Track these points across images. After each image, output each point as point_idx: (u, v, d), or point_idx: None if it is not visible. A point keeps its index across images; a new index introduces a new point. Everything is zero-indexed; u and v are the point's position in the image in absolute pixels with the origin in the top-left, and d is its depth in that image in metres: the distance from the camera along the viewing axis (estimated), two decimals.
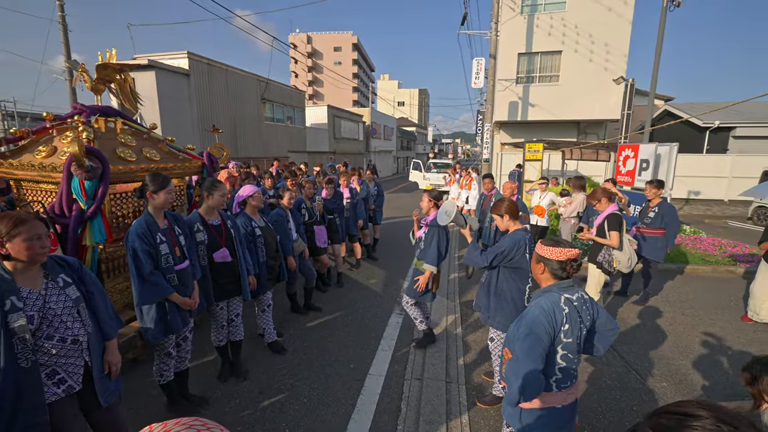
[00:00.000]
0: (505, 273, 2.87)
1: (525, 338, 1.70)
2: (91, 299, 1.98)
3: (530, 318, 1.74)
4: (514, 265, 2.81)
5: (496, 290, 2.91)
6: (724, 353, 3.83)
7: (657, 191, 4.89)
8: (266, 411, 2.94)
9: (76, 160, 2.60)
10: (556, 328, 1.73)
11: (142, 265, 2.44)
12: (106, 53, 3.51)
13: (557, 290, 1.82)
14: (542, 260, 1.85)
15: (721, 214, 12.35)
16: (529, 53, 15.37)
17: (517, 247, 2.75)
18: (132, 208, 3.34)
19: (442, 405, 3.03)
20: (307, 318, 4.58)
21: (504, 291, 2.87)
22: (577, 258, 1.82)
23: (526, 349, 1.68)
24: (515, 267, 2.82)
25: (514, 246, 2.75)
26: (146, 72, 10.52)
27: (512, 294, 2.84)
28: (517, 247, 2.75)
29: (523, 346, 1.69)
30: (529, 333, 1.70)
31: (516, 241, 2.76)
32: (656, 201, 4.92)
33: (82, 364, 1.88)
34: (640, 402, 3.08)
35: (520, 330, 1.74)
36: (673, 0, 7.63)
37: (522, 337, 1.72)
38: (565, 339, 1.74)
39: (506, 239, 2.81)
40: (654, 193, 4.90)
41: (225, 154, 4.24)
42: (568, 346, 1.76)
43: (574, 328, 1.77)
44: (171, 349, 2.69)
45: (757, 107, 17.99)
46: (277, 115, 17.86)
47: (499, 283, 2.90)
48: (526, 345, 1.69)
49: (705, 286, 5.72)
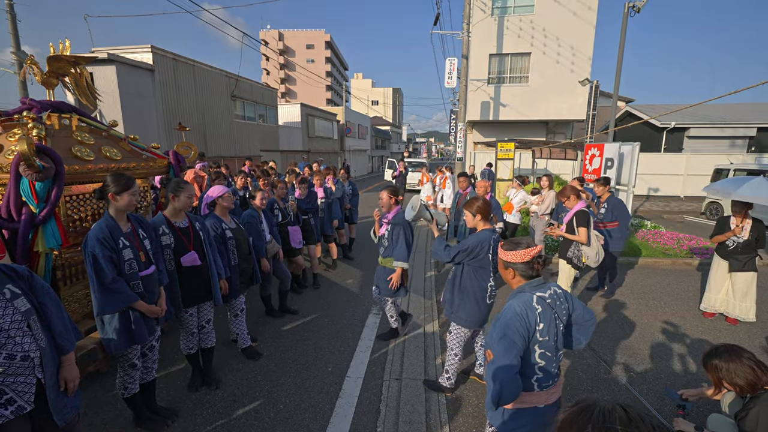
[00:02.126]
0: (468, 270, 2.94)
1: (500, 341, 1.71)
2: (43, 311, 1.82)
3: (503, 321, 1.75)
4: (478, 264, 2.88)
5: (460, 286, 2.98)
6: (684, 342, 4.05)
7: (604, 188, 5.22)
8: (241, 420, 2.83)
9: (25, 159, 2.39)
10: (530, 329, 1.73)
11: (103, 273, 2.28)
12: (59, 44, 3.27)
13: (529, 290, 1.82)
14: (509, 265, 1.86)
15: (678, 209, 13.12)
16: (499, 54, 15.73)
17: (481, 246, 2.82)
18: (91, 211, 3.12)
19: (422, 404, 3.02)
20: (282, 321, 4.47)
21: (467, 288, 2.94)
22: (541, 253, 1.85)
23: (501, 352, 1.69)
24: (479, 265, 2.89)
25: (478, 245, 2.82)
26: (106, 66, 9.92)
27: (475, 291, 2.91)
28: (481, 246, 2.82)
29: (498, 349, 1.70)
30: (503, 336, 1.71)
31: (481, 240, 2.83)
32: (605, 197, 5.22)
33: (33, 381, 1.72)
34: (609, 392, 3.20)
35: (495, 333, 1.75)
36: (633, 7, 8.01)
37: (497, 339, 1.72)
38: (541, 338, 1.75)
39: (472, 237, 2.88)
40: (602, 191, 5.22)
41: (193, 152, 4.05)
42: (545, 345, 1.76)
43: (549, 326, 1.77)
44: (136, 360, 2.53)
45: (710, 109, 19.24)
46: (249, 113, 17.36)
47: (463, 280, 2.96)
48: (502, 348, 1.69)
49: (666, 278, 6.04)
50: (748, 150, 17.23)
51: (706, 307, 4.65)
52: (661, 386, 3.24)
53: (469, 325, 3.00)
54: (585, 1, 14.54)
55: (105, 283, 2.29)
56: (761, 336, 4.18)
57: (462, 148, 14.83)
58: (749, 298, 4.37)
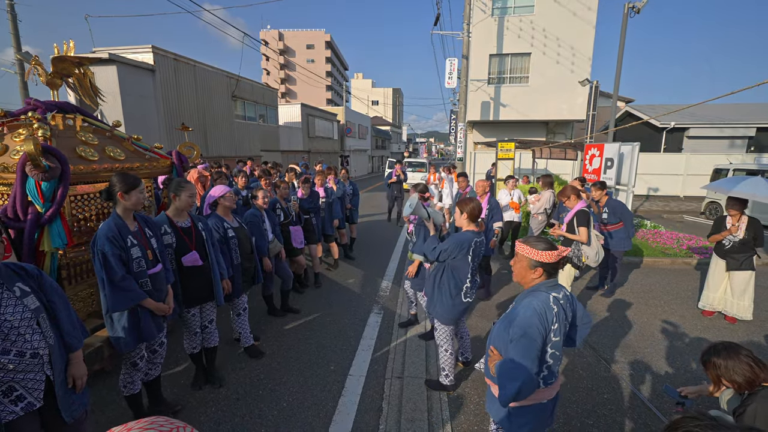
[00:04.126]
0: (448, 269, 3.01)
1: (519, 339, 1.68)
2: (52, 309, 1.85)
3: (523, 319, 1.70)
4: (456, 264, 2.95)
5: (439, 282, 3.05)
6: (683, 340, 4.08)
7: (601, 192, 5.23)
8: (244, 418, 2.86)
9: (31, 159, 2.42)
10: (548, 328, 1.72)
11: (113, 271, 2.30)
12: (63, 45, 3.29)
13: (545, 289, 1.80)
14: (540, 265, 1.82)
15: (677, 209, 13.15)
16: (500, 54, 15.76)
17: (461, 247, 2.88)
18: (95, 211, 3.15)
19: (424, 402, 3.05)
20: (284, 320, 4.49)
21: (444, 284, 3.01)
22: (567, 255, 1.85)
23: (521, 351, 1.66)
24: (457, 264, 2.95)
25: (458, 246, 2.88)
26: (107, 66, 9.94)
27: (450, 288, 2.98)
28: (461, 247, 2.88)
29: (518, 348, 1.67)
30: (524, 335, 1.67)
31: (461, 242, 2.89)
32: (604, 200, 5.23)
33: (43, 378, 1.75)
34: (609, 390, 3.23)
35: (514, 331, 1.71)
36: (633, 7, 8.04)
37: (516, 338, 1.69)
38: (554, 338, 1.74)
39: (453, 238, 2.94)
40: (600, 194, 5.23)
41: (195, 152, 4.08)
42: (556, 345, 1.76)
43: (561, 326, 1.77)
44: (138, 359, 2.55)
45: (709, 109, 19.28)
46: (249, 113, 17.39)
47: (443, 278, 3.03)
48: (521, 347, 1.66)
49: (665, 278, 6.07)
50: (748, 150, 17.26)
51: (705, 306, 4.69)
52: (660, 384, 3.27)
53: (446, 322, 3.07)
54: (585, 2, 14.57)
55: (114, 280, 2.30)
56: (760, 334, 4.21)
57: (462, 149, 14.86)
58: (747, 297, 4.40)
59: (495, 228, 5.10)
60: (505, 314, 1.89)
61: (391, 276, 6.12)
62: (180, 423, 0.74)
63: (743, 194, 4.20)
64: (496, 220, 5.13)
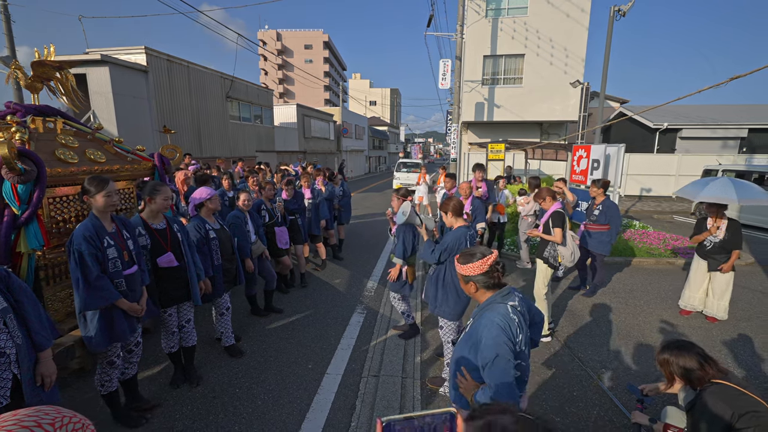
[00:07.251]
0: (450, 266, 3.08)
1: (494, 362, 1.59)
2: (20, 309, 1.91)
3: (490, 339, 1.61)
4: None
5: (443, 282, 3.12)
6: (658, 340, 4.14)
7: (600, 190, 5.24)
8: (219, 416, 2.91)
9: (6, 163, 2.47)
10: (515, 341, 1.65)
11: (88, 269, 2.35)
12: (44, 49, 3.34)
13: (501, 300, 1.73)
14: (469, 279, 1.77)
15: (669, 209, 13.23)
16: (493, 56, 15.82)
17: (459, 242, 2.99)
18: (74, 213, 3.20)
19: (397, 400, 3.11)
20: (267, 320, 4.55)
21: (449, 283, 3.08)
22: (498, 260, 1.78)
23: (499, 374, 1.57)
24: None
25: (456, 241, 2.99)
26: (99, 67, 9.98)
27: (456, 285, 3.04)
28: (459, 242, 2.99)
29: (494, 372, 1.58)
30: (497, 356, 1.58)
31: (458, 236, 3.00)
32: (600, 199, 5.25)
33: (10, 377, 1.81)
34: (580, 388, 3.29)
35: (484, 356, 1.62)
36: (619, 11, 8.11)
37: (490, 362, 1.60)
38: (519, 349, 1.66)
39: (449, 236, 3.05)
40: (597, 192, 5.24)
41: (178, 155, 4.13)
42: (522, 355, 1.68)
43: (524, 335, 1.71)
44: (115, 358, 2.61)
45: (702, 110, 19.39)
46: (244, 113, 17.43)
47: (447, 276, 3.11)
48: (498, 370, 1.58)
49: (648, 278, 6.14)
50: (740, 151, 17.38)
51: (685, 305, 4.75)
52: (628, 381, 3.34)
53: (454, 318, 3.14)
54: (578, 3, 14.65)
55: (89, 280, 2.35)
56: (734, 332, 4.27)
57: (456, 149, 14.92)
58: (726, 298, 4.48)
59: (478, 229, 5.16)
60: (466, 334, 1.81)
61: (377, 277, 6.18)
62: (69, 413, 0.72)
63: (710, 198, 4.28)
64: (480, 221, 5.19)
